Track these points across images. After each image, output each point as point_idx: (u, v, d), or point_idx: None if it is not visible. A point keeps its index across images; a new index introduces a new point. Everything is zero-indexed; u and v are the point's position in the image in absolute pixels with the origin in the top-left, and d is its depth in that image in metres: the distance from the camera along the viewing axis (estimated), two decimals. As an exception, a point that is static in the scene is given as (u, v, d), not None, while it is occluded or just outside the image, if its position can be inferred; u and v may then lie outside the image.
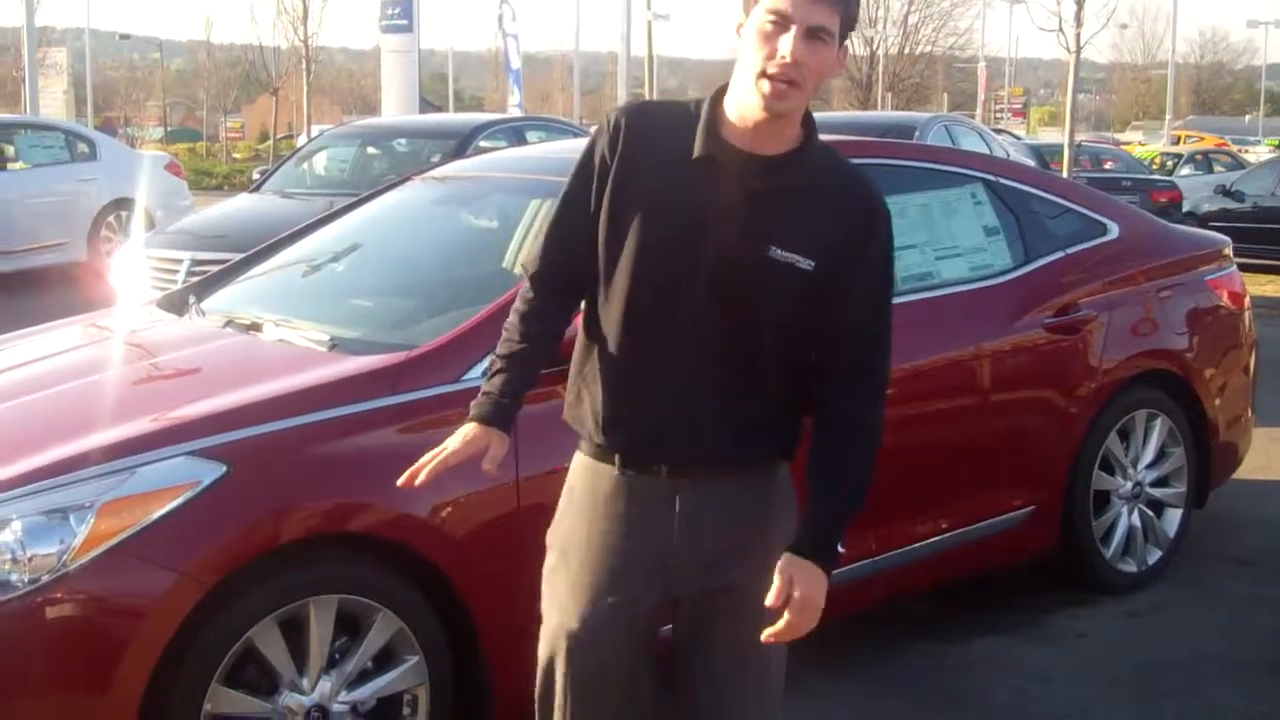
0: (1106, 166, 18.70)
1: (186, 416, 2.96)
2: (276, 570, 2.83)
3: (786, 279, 2.19)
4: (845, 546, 2.28)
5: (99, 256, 12.07)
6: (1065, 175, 13.40)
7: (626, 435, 2.28)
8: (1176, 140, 38.17)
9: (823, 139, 2.29)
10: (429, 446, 2.29)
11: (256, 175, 11.96)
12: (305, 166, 10.12)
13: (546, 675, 2.36)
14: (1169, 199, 15.80)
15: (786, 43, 2.10)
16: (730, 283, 2.20)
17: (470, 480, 2.84)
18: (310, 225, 4.47)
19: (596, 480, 2.33)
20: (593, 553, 2.32)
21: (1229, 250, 5.14)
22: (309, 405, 2.99)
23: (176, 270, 7.63)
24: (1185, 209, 15.57)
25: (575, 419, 2.36)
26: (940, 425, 3.97)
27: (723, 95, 2.23)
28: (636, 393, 2.26)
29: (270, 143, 38.91)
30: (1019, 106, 60.77)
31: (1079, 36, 15.05)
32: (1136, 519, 4.58)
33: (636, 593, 2.30)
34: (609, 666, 2.32)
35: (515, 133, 10.13)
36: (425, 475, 2.27)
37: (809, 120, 2.23)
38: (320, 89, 39.65)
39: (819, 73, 2.14)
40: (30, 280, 11.85)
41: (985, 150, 10.49)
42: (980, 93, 49.92)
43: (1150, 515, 4.63)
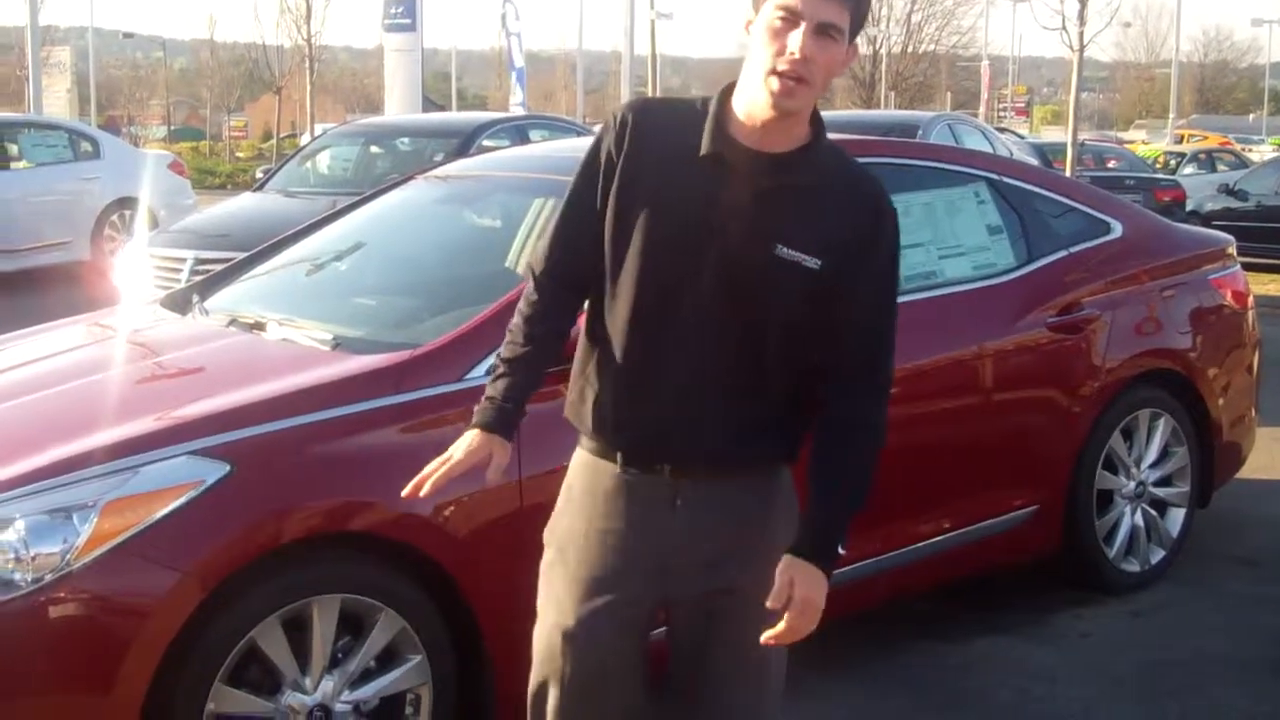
0: (1110, 165, 18.69)
1: (189, 416, 2.96)
2: (279, 569, 2.83)
3: (793, 278, 2.18)
4: (846, 547, 2.27)
5: (102, 255, 12.06)
6: (1068, 174, 13.40)
7: (629, 434, 2.28)
8: (1180, 139, 38.14)
9: (830, 138, 2.28)
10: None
11: (260, 174, 11.98)
12: (308, 165, 10.12)
13: (541, 672, 2.36)
14: (1172, 198, 15.80)
15: (796, 39, 2.09)
16: (736, 281, 2.19)
17: (473, 480, 2.82)
18: (313, 224, 4.48)
19: (597, 478, 2.32)
20: (592, 551, 2.31)
21: (1232, 249, 5.13)
22: (312, 404, 2.99)
23: (180, 269, 7.63)
24: (1189, 208, 15.56)
25: (577, 417, 2.35)
26: (943, 424, 3.97)
27: (731, 92, 2.22)
28: (640, 391, 2.25)
29: (273, 142, 38.96)
30: (1022, 105, 60.75)
31: (1082, 35, 15.05)
32: (1139, 519, 4.57)
33: (635, 593, 2.30)
34: (605, 665, 2.31)
35: (518, 132, 10.13)
36: (430, 486, 2.26)
37: (817, 119, 2.22)
38: (323, 88, 39.62)
39: (828, 70, 2.13)
40: (33, 279, 11.85)
41: (988, 149, 10.47)
42: (983, 91, 49.87)
43: (1153, 515, 4.62)
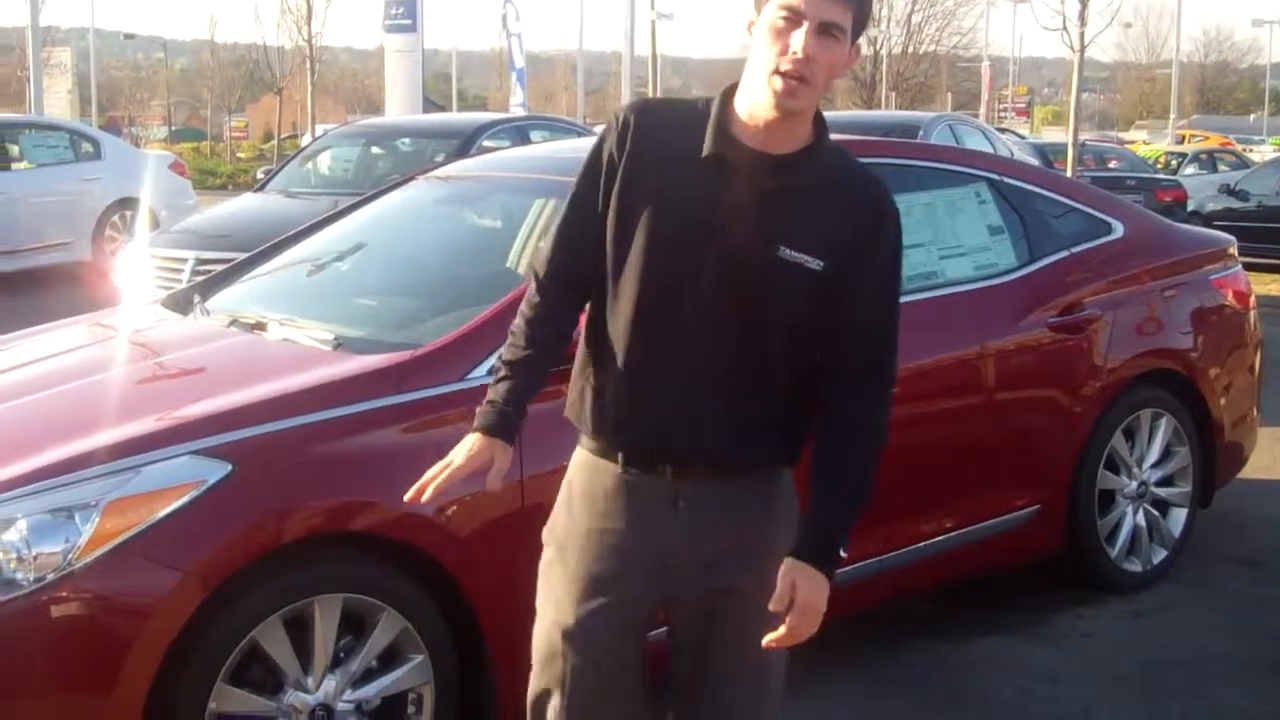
0: (1111, 166, 18.70)
1: (191, 416, 2.96)
2: (281, 569, 2.83)
3: (795, 279, 2.18)
4: (847, 550, 2.27)
5: (103, 256, 12.07)
6: (1069, 174, 13.40)
7: (630, 434, 2.27)
8: (1181, 139, 38.15)
9: (831, 138, 2.28)
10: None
11: (261, 175, 11.99)
12: (309, 166, 10.13)
13: (541, 673, 2.36)
14: (1173, 198, 15.79)
15: (799, 38, 2.09)
16: (739, 282, 2.18)
17: (474, 481, 2.84)
18: (314, 225, 4.48)
19: (598, 478, 2.31)
20: (591, 551, 2.30)
21: (1234, 249, 5.13)
22: (313, 404, 3.00)
23: (181, 269, 7.63)
24: (1190, 208, 15.56)
25: (578, 417, 2.34)
26: (945, 424, 3.97)
27: (733, 93, 2.22)
28: (641, 391, 2.24)
29: (274, 142, 38.95)
30: (1023, 106, 60.71)
31: (1083, 35, 15.07)
32: (1141, 518, 4.57)
33: (635, 593, 2.30)
34: (605, 665, 2.31)
35: (519, 132, 10.14)
36: (431, 492, 2.26)
37: (820, 120, 2.22)
38: (324, 88, 39.61)
39: (830, 70, 2.13)
40: (35, 280, 11.86)
41: (989, 149, 10.47)
42: (984, 92, 49.86)
43: (1155, 515, 4.62)
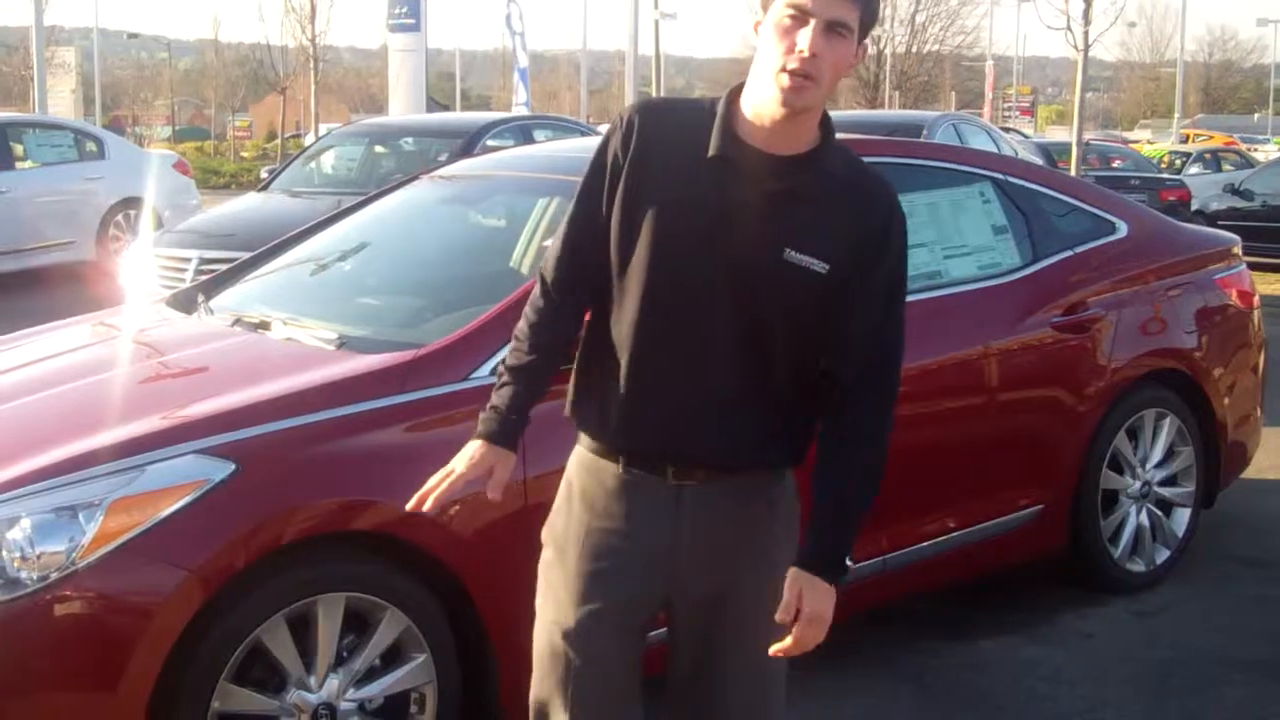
0: (1115, 165, 18.68)
1: (195, 415, 2.96)
2: (284, 568, 2.83)
3: (800, 282, 2.16)
4: (853, 559, 2.26)
5: (107, 255, 12.08)
6: (1073, 174, 13.38)
7: (633, 436, 2.26)
8: (1185, 139, 38.09)
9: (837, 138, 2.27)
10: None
11: (264, 174, 11.96)
12: (313, 165, 10.13)
13: (541, 673, 2.35)
14: (1178, 197, 15.76)
15: (805, 37, 2.08)
16: (743, 284, 2.17)
17: (477, 482, 2.84)
18: (318, 224, 4.48)
19: (598, 478, 2.30)
20: (591, 551, 2.29)
21: (1238, 249, 5.13)
22: (317, 404, 3.00)
23: (185, 269, 7.65)
24: (1194, 207, 15.53)
25: (579, 416, 2.33)
26: (948, 424, 3.96)
27: (739, 94, 2.21)
28: (645, 393, 2.23)
29: (278, 141, 38.94)
30: (1027, 105, 60.57)
31: (1087, 35, 15.07)
32: (1145, 518, 4.57)
33: (635, 593, 2.29)
34: (605, 665, 2.31)
35: (522, 131, 10.14)
36: (433, 501, 2.26)
37: (826, 121, 2.20)
38: (328, 88, 39.64)
39: (837, 68, 2.11)
40: (39, 279, 11.87)
41: (993, 149, 10.47)
42: (988, 91, 49.82)
43: (1159, 515, 4.62)
